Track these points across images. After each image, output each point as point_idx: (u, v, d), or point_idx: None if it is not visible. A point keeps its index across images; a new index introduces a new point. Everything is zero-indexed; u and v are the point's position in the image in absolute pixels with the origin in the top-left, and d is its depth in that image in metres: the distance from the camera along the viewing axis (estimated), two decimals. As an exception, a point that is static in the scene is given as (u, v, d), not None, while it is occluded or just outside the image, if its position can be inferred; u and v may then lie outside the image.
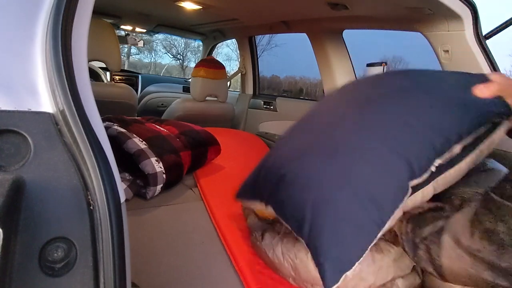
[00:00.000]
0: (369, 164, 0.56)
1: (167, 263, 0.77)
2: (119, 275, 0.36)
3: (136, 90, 3.03)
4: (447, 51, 1.22)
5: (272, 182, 0.63)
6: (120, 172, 0.42)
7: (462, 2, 1.07)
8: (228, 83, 2.70)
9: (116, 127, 1.27)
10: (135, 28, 2.98)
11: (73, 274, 0.34)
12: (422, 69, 0.74)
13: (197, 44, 4.60)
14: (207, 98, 2.18)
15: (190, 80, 2.48)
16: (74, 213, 0.35)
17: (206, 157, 1.43)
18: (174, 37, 8.78)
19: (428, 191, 0.59)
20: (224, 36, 2.77)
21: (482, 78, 0.64)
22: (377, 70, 1.60)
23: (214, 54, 3.21)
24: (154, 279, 0.71)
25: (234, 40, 2.76)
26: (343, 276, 0.50)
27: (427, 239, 0.57)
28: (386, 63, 1.60)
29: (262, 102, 2.41)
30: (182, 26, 2.77)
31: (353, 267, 0.51)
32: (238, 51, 2.65)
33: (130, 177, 1.10)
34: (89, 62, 1.88)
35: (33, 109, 0.36)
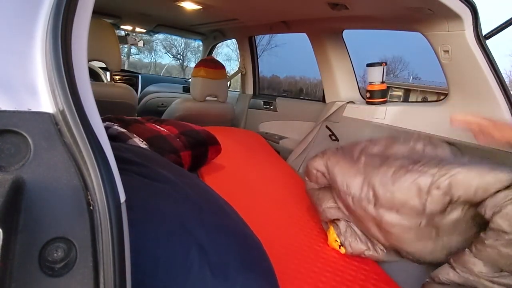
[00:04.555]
0: None
1: None
2: (119, 275, 0.36)
3: (136, 90, 3.03)
4: (447, 51, 1.22)
5: None
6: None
7: (462, 2, 1.06)
8: (228, 83, 2.70)
9: (116, 127, 1.28)
10: (135, 28, 2.98)
11: (73, 274, 0.34)
12: None
13: (197, 44, 4.60)
14: (207, 98, 2.18)
15: (190, 80, 2.48)
16: (74, 213, 0.35)
17: (207, 157, 1.43)
18: (174, 37, 8.79)
19: None
20: (224, 36, 2.77)
21: None
22: (377, 70, 1.60)
23: (214, 54, 3.21)
24: None
25: (234, 40, 2.76)
26: None
27: None
28: (386, 63, 1.60)
29: (262, 102, 2.41)
30: (182, 26, 2.77)
31: None
32: (238, 51, 2.65)
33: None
34: (89, 62, 1.88)
35: (33, 109, 0.36)
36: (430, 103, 1.48)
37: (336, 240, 1.02)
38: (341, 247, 1.00)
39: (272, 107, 2.32)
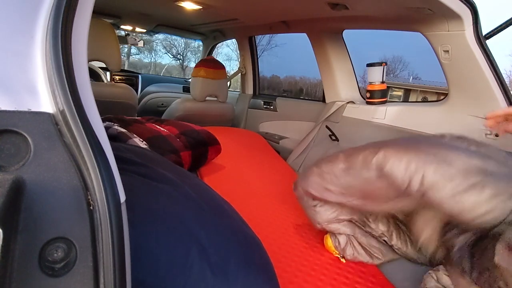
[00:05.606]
0: None
1: None
2: (119, 275, 0.36)
3: (136, 90, 3.03)
4: (447, 51, 1.22)
5: None
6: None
7: (462, 2, 1.07)
8: (228, 83, 2.70)
9: (116, 127, 1.28)
10: (135, 28, 2.98)
11: (73, 274, 0.34)
12: None
13: (197, 44, 4.60)
14: (207, 98, 2.18)
15: (190, 80, 2.48)
16: (74, 213, 0.35)
17: (207, 157, 1.43)
18: (174, 37, 8.80)
19: None
20: (224, 36, 2.77)
21: None
22: (377, 70, 1.60)
23: (214, 54, 3.21)
24: None
25: (234, 40, 2.77)
26: None
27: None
28: (386, 63, 1.60)
29: (262, 102, 2.42)
30: (182, 26, 2.77)
31: None
32: (238, 51, 2.65)
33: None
34: (89, 62, 1.88)
35: (33, 109, 0.36)
36: (430, 103, 1.49)
37: (334, 251, 0.99)
38: (342, 258, 0.98)
39: (272, 107, 2.32)
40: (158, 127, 1.40)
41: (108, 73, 2.71)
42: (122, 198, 0.38)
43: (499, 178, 0.67)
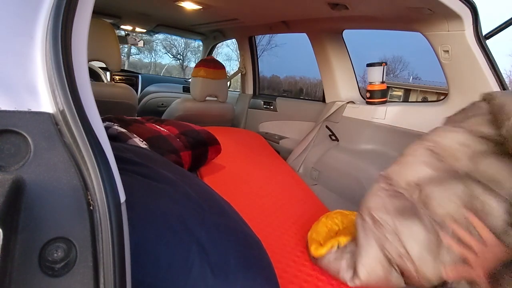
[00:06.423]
0: None
1: None
2: (119, 275, 0.36)
3: (136, 90, 3.03)
4: (447, 51, 1.22)
5: None
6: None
7: (462, 2, 1.07)
8: (228, 83, 2.70)
9: (116, 127, 1.27)
10: (135, 28, 2.99)
11: (73, 274, 0.34)
12: None
13: (197, 44, 4.60)
14: (207, 98, 2.18)
15: (190, 80, 2.48)
16: (74, 213, 0.35)
17: (207, 157, 1.43)
18: (174, 37, 8.80)
19: None
20: (224, 36, 2.77)
21: None
22: (377, 70, 1.60)
23: (214, 54, 3.21)
24: None
25: (234, 40, 2.77)
26: None
27: None
28: (386, 63, 1.60)
29: (262, 102, 2.41)
30: (182, 26, 2.77)
31: None
32: (238, 51, 2.65)
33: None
34: (89, 62, 1.88)
35: (33, 109, 0.36)
36: (430, 103, 1.49)
37: None
38: None
39: (272, 107, 2.32)
40: (158, 127, 1.40)
41: (108, 73, 2.71)
42: (122, 198, 0.38)
43: None
